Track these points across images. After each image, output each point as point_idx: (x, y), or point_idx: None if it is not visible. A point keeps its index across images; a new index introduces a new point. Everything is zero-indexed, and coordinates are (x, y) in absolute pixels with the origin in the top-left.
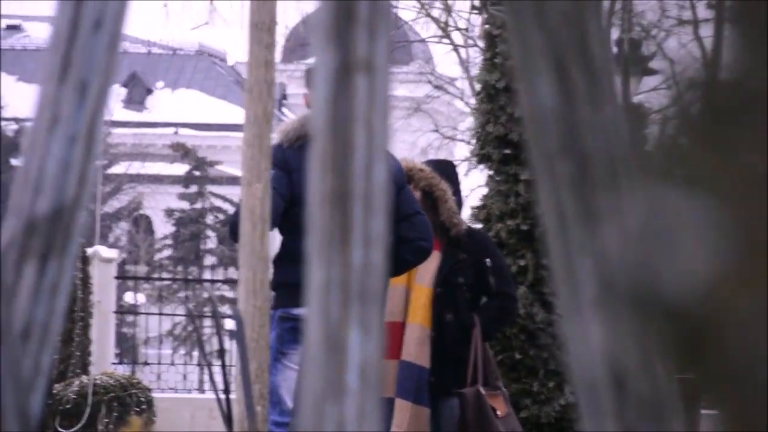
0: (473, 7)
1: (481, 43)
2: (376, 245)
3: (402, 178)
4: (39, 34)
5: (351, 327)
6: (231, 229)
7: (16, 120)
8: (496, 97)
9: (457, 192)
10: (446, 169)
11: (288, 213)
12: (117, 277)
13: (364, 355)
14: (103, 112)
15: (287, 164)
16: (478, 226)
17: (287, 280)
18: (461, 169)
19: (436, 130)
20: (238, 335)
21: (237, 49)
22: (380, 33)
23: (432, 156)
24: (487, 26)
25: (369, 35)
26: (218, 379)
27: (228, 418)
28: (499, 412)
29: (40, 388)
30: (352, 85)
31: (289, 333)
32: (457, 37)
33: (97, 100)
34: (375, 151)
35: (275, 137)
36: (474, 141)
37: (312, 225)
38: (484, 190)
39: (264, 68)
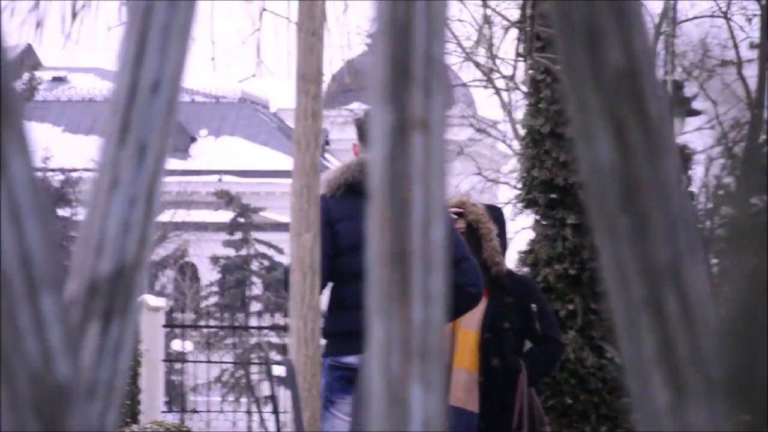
0: (518, 54)
1: (523, 87)
2: (436, 302)
3: (449, 222)
4: (84, 84)
5: (412, 383)
6: (282, 283)
7: (63, 171)
8: (541, 142)
9: (502, 236)
10: (494, 214)
11: (335, 263)
12: (165, 326)
13: (426, 411)
14: (162, 173)
15: (330, 215)
16: (526, 270)
17: (336, 328)
18: (505, 212)
19: (479, 173)
20: (291, 384)
21: (279, 96)
22: (436, 91)
23: (475, 199)
24: (531, 72)
25: (425, 93)
26: (270, 425)
27: None
28: None
29: None
30: (409, 144)
31: (338, 382)
32: (499, 82)
33: (156, 162)
34: (433, 209)
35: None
36: (519, 185)
37: (372, 283)
38: (531, 234)
39: (311, 119)
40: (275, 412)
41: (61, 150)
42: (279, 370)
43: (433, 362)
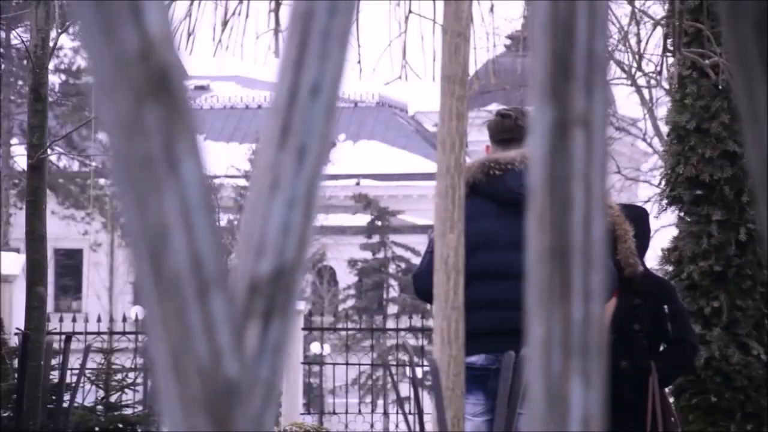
0: (665, 50)
1: (665, 84)
2: (596, 299)
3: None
4: (225, 93)
5: (573, 380)
6: (422, 291)
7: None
8: (686, 138)
9: (644, 236)
10: (634, 213)
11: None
12: (303, 328)
13: (586, 408)
14: (321, 175)
15: None
16: (669, 268)
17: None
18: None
19: (618, 171)
20: (434, 385)
21: (417, 100)
22: (597, 87)
23: (615, 198)
24: (676, 68)
25: (586, 90)
26: (413, 424)
27: None
28: None
29: None
30: (570, 141)
31: (470, 382)
32: (641, 80)
33: (315, 165)
34: (593, 206)
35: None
36: (663, 183)
37: (531, 281)
38: (674, 232)
39: (455, 120)
40: (417, 413)
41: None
42: (417, 372)
43: (593, 359)
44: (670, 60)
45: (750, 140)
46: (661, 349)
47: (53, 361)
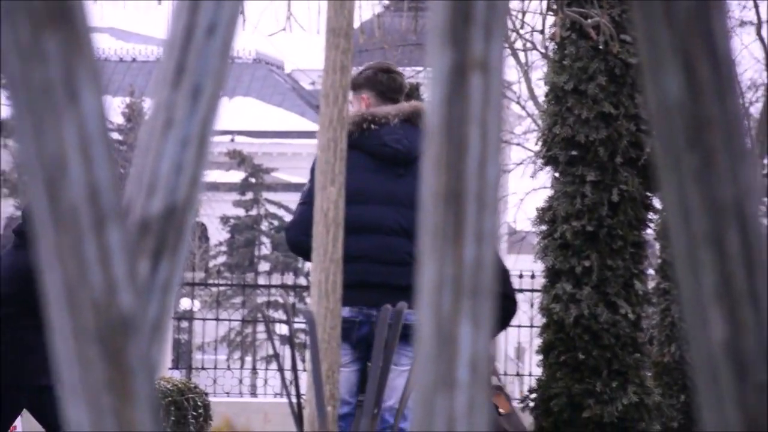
0: (549, 9)
1: (541, 48)
2: (488, 241)
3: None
4: (98, 45)
5: (462, 322)
6: (294, 243)
7: None
8: (564, 99)
9: None
10: None
11: None
12: None
13: (474, 349)
14: (216, 116)
15: None
16: (543, 227)
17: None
18: (518, 172)
19: None
20: (310, 337)
21: (294, 57)
22: (496, 33)
23: None
24: (558, 27)
25: (485, 35)
26: (290, 381)
27: (299, 418)
28: (501, 410)
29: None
30: (468, 86)
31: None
32: (517, 43)
33: (209, 104)
34: (489, 150)
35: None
36: (540, 143)
37: (425, 223)
38: (549, 192)
39: (339, 73)
40: (280, 369)
41: None
42: (283, 330)
43: (483, 300)
44: (550, 20)
45: (650, 87)
46: None
47: None
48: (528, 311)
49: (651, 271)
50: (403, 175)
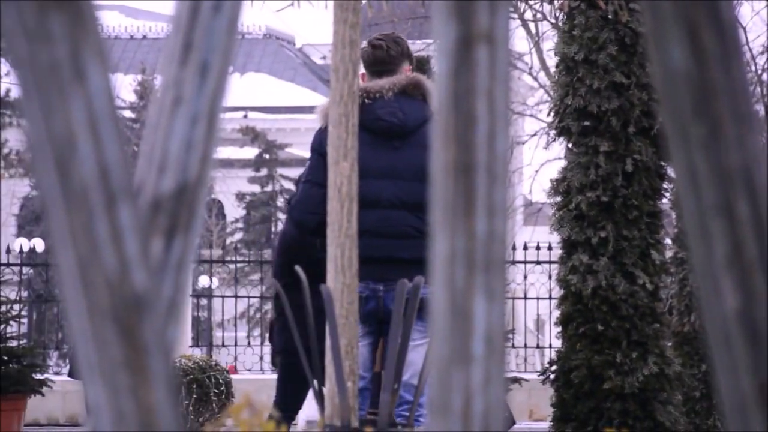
0: None
1: (551, 18)
2: (499, 214)
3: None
4: (108, 22)
5: (476, 295)
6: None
7: None
8: (575, 70)
9: None
10: None
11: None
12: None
13: (489, 322)
14: (224, 93)
15: (321, 147)
16: (558, 198)
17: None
18: (532, 143)
19: None
20: (328, 312)
21: (304, 32)
22: (501, 5)
23: None
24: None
25: (490, 7)
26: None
27: (320, 394)
28: None
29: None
30: (474, 58)
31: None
32: (527, 13)
33: (217, 81)
34: (497, 122)
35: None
36: (552, 114)
37: (435, 197)
38: (563, 163)
39: (349, 48)
40: (298, 346)
41: None
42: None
43: (496, 274)
44: None
45: (655, 56)
46: None
47: None
48: (546, 283)
49: (668, 241)
50: (399, 148)
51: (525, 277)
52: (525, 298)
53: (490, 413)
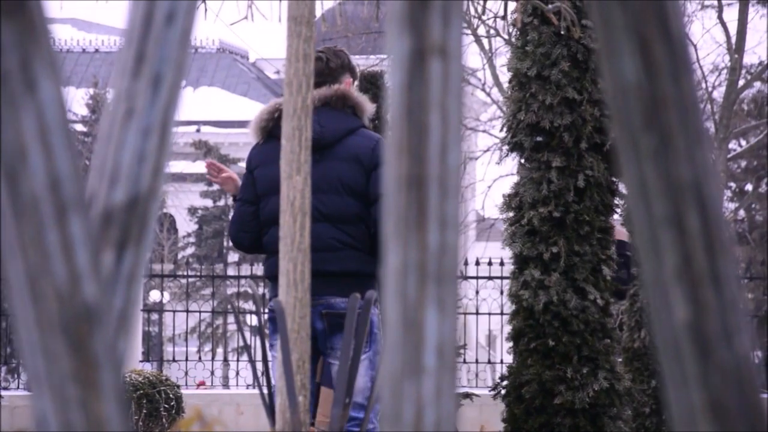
0: None
1: (504, 34)
2: (452, 227)
3: (375, 158)
4: (60, 36)
5: (428, 307)
6: (234, 240)
7: None
8: (527, 85)
9: None
10: None
11: (261, 210)
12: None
13: (441, 334)
14: (177, 105)
15: (250, 163)
16: (510, 213)
17: (267, 273)
18: (485, 159)
19: None
20: (280, 327)
21: (258, 46)
22: (454, 18)
23: None
24: (519, 12)
25: (443, 20)
26: (261, 372)
27: (270, 409)
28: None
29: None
30: (427, 70)
31: (271, 324)
32: (480, 29)
33: (170, 93)
34: (449, 135)
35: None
36: (505, 129)
37: (388, 209)
38: (516, 178)
39: (302, 62)
40: (251, 361)
41: None
42: (254, 321)
43: (448, 286)
44: (511, 6)
45: (607, 69)
46: None
47: None
48: (498, 298)
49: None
50: (319, 161)
51: (477, 292)
52: (477, 313)
53: (441, 425)
